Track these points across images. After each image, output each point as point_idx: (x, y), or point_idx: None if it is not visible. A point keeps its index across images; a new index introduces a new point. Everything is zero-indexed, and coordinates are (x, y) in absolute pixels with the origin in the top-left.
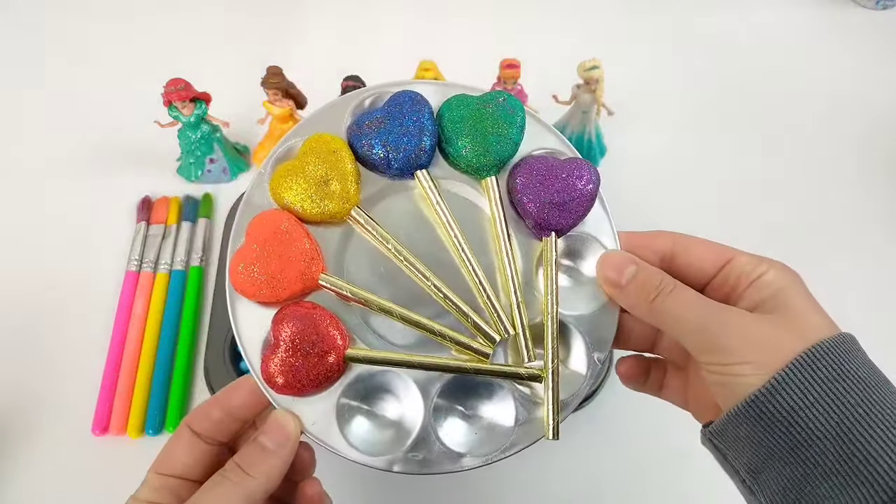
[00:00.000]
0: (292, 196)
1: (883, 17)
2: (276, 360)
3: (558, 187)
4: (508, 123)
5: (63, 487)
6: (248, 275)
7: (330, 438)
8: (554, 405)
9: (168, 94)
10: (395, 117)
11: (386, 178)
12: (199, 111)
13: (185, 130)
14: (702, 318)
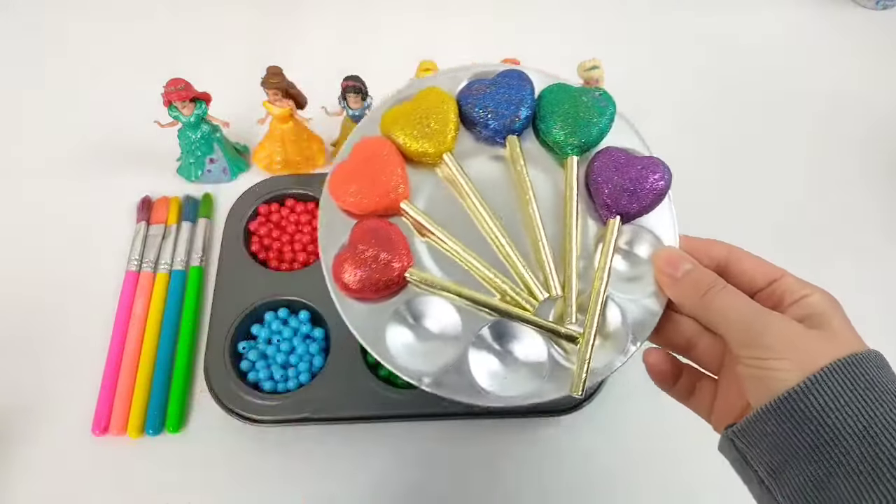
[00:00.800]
0: (398, 130)
1: (883, 17)
2: (348, 258)
3: (632, 176)
4: (599, 114)
5: (63, 487)
6: (342, 183)
7: (375, 344)
8: (586, 365)
9: (168, 94)
10: (501, 86)
11: (480, 138)
12: (199, 111)
13: (185, 130)
14: (748, 315)
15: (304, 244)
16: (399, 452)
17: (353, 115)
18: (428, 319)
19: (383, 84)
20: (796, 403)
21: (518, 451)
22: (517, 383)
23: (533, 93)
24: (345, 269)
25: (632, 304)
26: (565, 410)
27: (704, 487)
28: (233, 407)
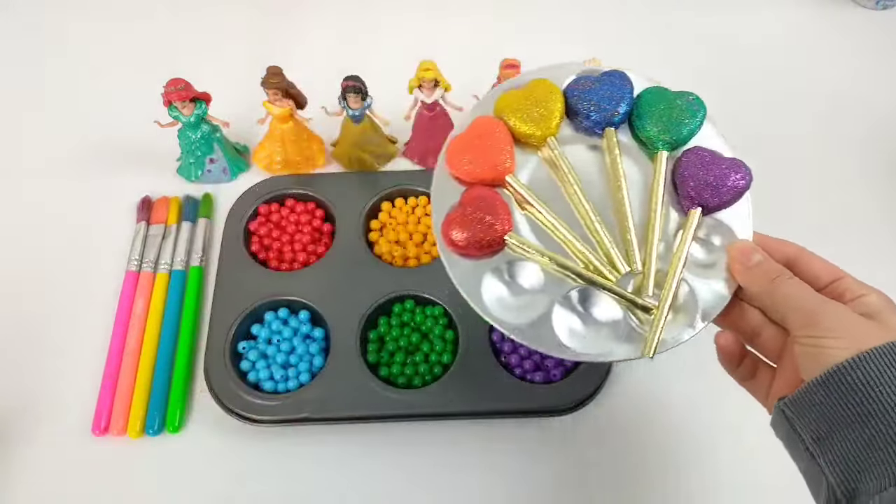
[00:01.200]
0: (510, 113)
1: (883, 17)
2: (457, 218)
3: (716, 173)
4: (691, 116)
5: (63, 487)
6: (458, 152)
7: (471, 295)
8: (659, 332)
9: (168, 94)
10: (605, 84)
11: (580, 128)
12: (198, 111)
13: (185, 130)
14: (810, 301)
15: (304, 244)
16: (399, 452)
17: (352, 115)
18: (520, 279)
19: (383, 84)
20: (844, 376)
21: (518, 450)
22: (594, 343)
23: (632, 92)
24: (453, 227)
25: (704, 287)
26: (565, 410)
27: (704, 487)
28: (233, 407)
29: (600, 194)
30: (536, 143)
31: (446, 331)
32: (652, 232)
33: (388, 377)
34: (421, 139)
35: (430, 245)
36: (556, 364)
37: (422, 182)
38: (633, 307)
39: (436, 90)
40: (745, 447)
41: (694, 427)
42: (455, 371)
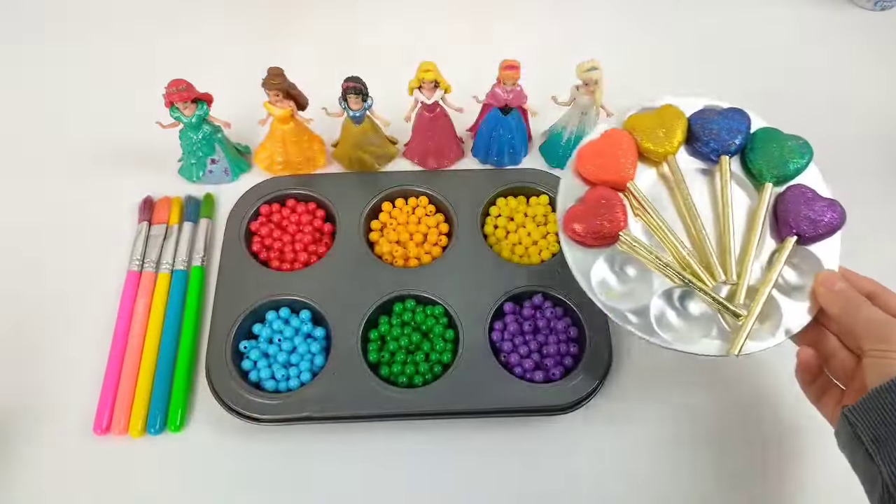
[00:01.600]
0: (638, 130)
1: (881, 17)
2: (580, 211)
3: (815, 209)
4: (799, 157)
5: (65, 487)
6: (590, 155)
7: (582, 278)
8: (746, 334)
9: (169, 94)
10: (726, 117)
11: (697, 153)
12: (200, 112)
13: (187, 131)
14: (885, 323)
15: (306, 244)
16: (400, 451)
17: (353, 116)
18: (627, 271)
19: (383, 85)
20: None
21: (518, 450)
22: (685, 336)
23: (749, 128)
24: (576, 218)
25: (789, 305)
26: (565, 409)
27: (704, 487)
28: (234, 406)
29: (704, 211)
30: (657, 159)
31: (447, 330)
32: (750, 250)
33: (388, 376)
34: (421, 140)
35: (431, 245)
36: (555, 363)
37: (422, 182)
38: (725, 311)
39: (436, 91)
40: (744, 447)
41: (694, 426)
42: (455, 370)
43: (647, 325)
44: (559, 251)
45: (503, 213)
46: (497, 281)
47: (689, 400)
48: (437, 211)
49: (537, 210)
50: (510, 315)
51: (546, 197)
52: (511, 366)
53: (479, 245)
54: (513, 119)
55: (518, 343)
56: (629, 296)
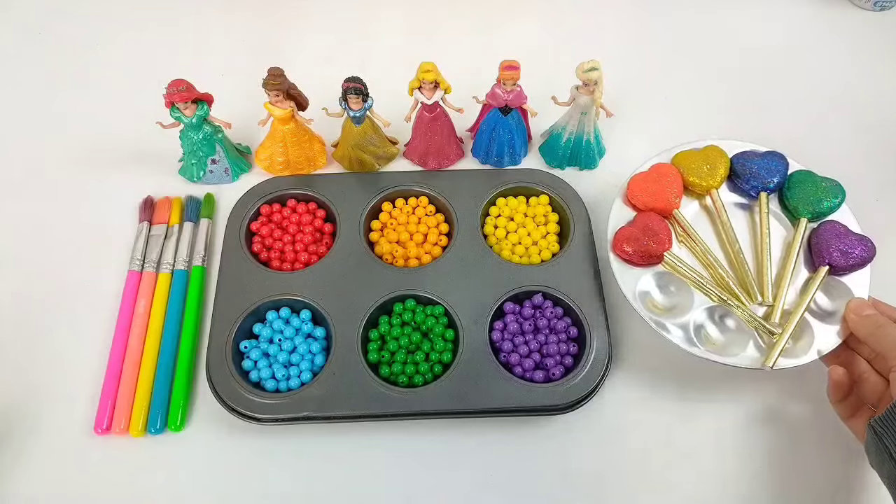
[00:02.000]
0: (685, 164)
1: (880, 18)
2: (629, 233)
3: (847, 243)
4: (833, 196)
5: (66, 486)
6: (641, 183)
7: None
8: (780, 350)
9: (170, 95)
10: (766, 158)
11: (737, 189)
12: (200, 112)
13: (187, 131)
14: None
15: (306, 244)
16: (400, 451)
17: (353, 117)
18: (671, 287)
19: (384, 85)
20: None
21: (518, 449)
22: (721, 349)
23: (787, 169)
24: (626, 240)
25: (821, 328)
26: (565, 409)
27: (704, 486)
28: (235, 406)
29: (743, 241)
30: (700, 192)
31: (447, 330)
32: (786, 276)
33: (388, 376)
34: (421, 140)
35: (431, 245)
36: (556, 363)
37: (422, 182)
38: (761, 329)
39: (436, 91)
40: (743, 446)
41: (693, 426)
42: (455, 370)
43: (687, 337)
44: (559, 251)
45: (503, 214)
46: (497, 281)
47: (690, 400)
48: (438, 211)
49: (537, 210)
50: (510, 315)
51: (546, 197)
52: (511, 365)
53: (479, 245)
54: (512, 119)
55: (518, 343)
56: (672, 310)
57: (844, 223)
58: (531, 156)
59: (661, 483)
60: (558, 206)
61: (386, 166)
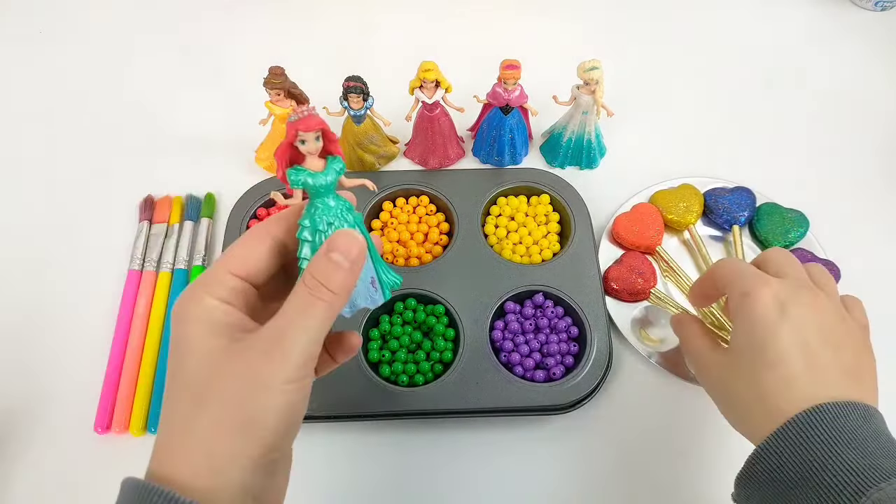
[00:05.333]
0: (663, 203)
1: (881, 18)
2: (616, 272)
3: None
4: (798, 226)
5: (66, 485)
6: (626, 223)
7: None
8: None
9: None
10: (735, 194)
11: (711, 223)
12: (335, 165)
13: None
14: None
15: None
16: (400, 450)
17: (354, 116)
18: (660, 320)
19: (384, 85)
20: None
21: (518, 449)
22: None
23: (754, 203)
24: (615, 278)
25: None
26: (566, 408)
27: (704, 486)
28: None
29: None
30: (679, 228)
31: (447, 329)
32: None
33: (389, 375)
34: (422, 139)
35: (432, 244)
36: (556, 362)
37: (423, 182)
38: None
39: (437, 91)
40: (747, 447)
41: (694, 426)
42: (456, 369)
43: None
44: (560, 251)
45: (504, 213)
46: (498, 280)
47: (691, 399)
48: (438, 210)
49: (538, 210)
50: (511, 314)
51: (547, 196)
52: (512, 365)
53: (479, 244)
54: (513, 119)
55: (519, 342)
56: (664, 342)
57: (811, 250)
58: (532, 155)
59: (662, 482)
60: (559, 206)
61: (387, 165)
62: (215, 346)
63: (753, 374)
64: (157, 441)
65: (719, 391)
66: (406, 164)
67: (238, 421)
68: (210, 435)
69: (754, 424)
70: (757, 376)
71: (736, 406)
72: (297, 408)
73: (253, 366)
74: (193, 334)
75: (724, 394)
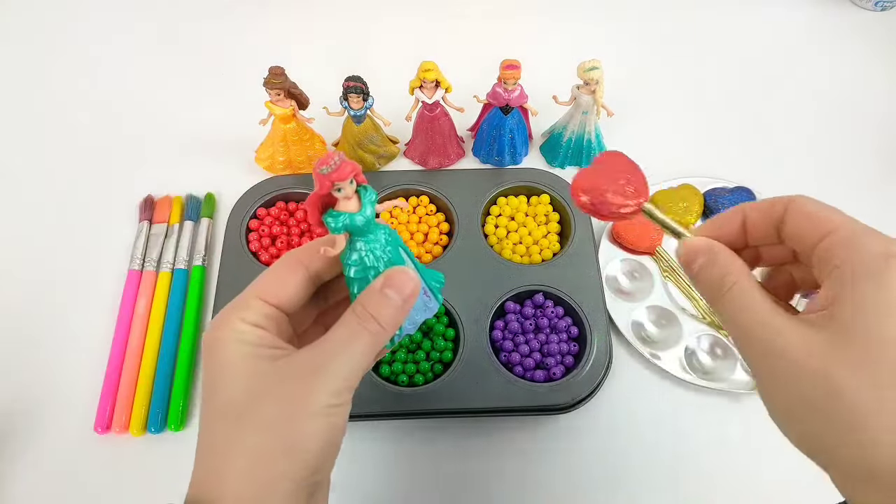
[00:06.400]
0: (663, 205)
1: (882, 18)
2: (590, 173)
3: None
4: None
5: (66, 485)
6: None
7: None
8: None
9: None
10: (735, 193)
11: None
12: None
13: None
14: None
15: None
16: (400, 450)
17: (354, 116)
18: (662, 321)
19: (384, 85)
20: None
21: (519, 449)
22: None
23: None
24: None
25: None
26: (566, 408)
27: (705, 486)
28: None
29: None
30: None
31: (447, 329)
32: None
33: (389, 375)
34: (422, 139)
35: (432, 244)
36: (557, 362)
37: (423, 182)
38: None
39: (437, 91)
40: (745, 445)
41: (695, 425)
42: (456, 369)
43: (677, 365)
44: (560, 251)
45: (504, 213)
46: (498, 280)
47: (692, 398)
48: (438, 210)
49: (538, 209)
50: (511, 314)
51: (547, 196)
52: (512, 365)
53: (479, 244)
54: (513, 118)
55: (519, 342)
56: (664, 342)
57: None
58: (532, 155)
59: (663, 482)
60: (559, 206)
61: (387, 165)
62: (254, 368)
63: (878, 366)
64: (197, 465)
65: (801, 389)
66: (406, 164)
67: (281, 444)
68: (253, 458)
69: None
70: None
71: (835, 419)
72: (338, 431)
73: (296, 389)
74: (229, 358)
75: (809, 395)
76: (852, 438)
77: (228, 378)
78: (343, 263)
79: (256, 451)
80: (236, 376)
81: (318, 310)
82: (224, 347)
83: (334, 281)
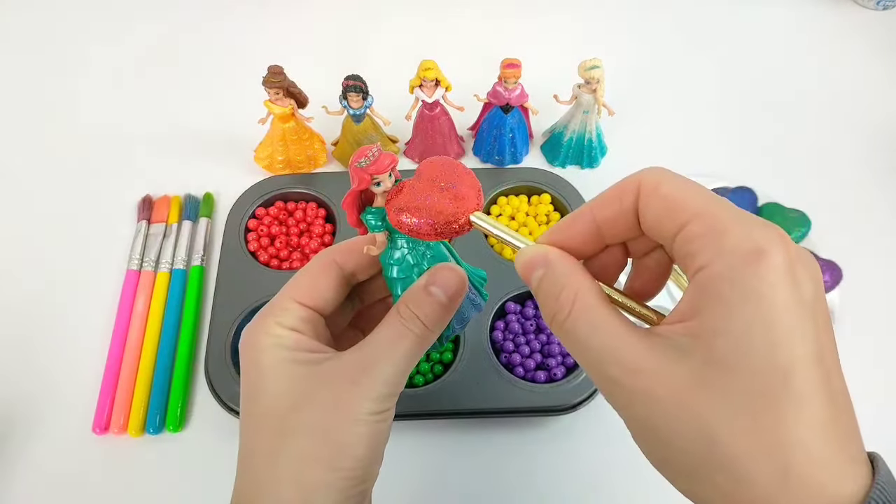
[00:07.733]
0: None
1: (883, 17)
2: (408, 189)
3: None
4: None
5: (64, 486)
6: None
7: None
8: None
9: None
10: (736, 193)
11: None
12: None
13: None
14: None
15: (306, 244)
16: (399, 451)
17: (353, 115)
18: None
19: (384, 84)
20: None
21: (519, 450)
22: None
23: (756, 202)
24: (400, 204)
25: None
26: (567, 409)
27: None
28: (234, 406)
29: None
30: None
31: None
32: None
33: None
34: (422, 139)
35: None
36: (558, 363)
37: None
38: None
39: (437, 90)
40: None
41: None
42: (457, 370)
43: None
44: None
45: (504, 213)
46: (499, 280)
47: None
48: None
49: (539, 209)
50: (512, 315)
51: (548, 196)
52: (513, 366)
53: (480, 244)
54: (514, 118)
55: (520, 343)
56: None
57: (812, 250)
58: (533, 154)
59: (664, 483)
60: (560, 206)
61: None
62: (294, 373)
63: (753, 402)
64: (239, 474)
65: (647, 414)
66: (406, 164)
67: (326, 451)
68: (298, 465)
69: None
70: (767, 411)
71: (716, 470)
72: (382, 437)
73: (340, 394)
74: (269, 363)
75: (659, 422)
76: (743, 497)
77: (268, 384)
78: (384, 264)
79: (301, 457)
80: (276, 382)
81: (354, 311)
82: (262, 353)
83: (369, 281)
